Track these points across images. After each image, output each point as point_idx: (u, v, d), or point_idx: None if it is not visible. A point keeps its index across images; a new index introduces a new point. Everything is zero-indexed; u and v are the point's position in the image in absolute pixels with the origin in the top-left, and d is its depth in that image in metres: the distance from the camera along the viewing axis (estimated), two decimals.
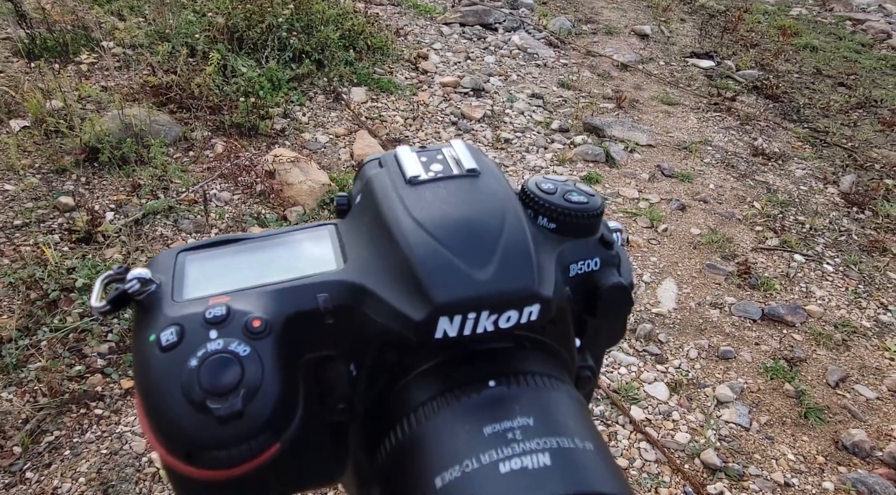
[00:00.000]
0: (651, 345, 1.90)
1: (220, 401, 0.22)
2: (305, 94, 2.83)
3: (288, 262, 0.27)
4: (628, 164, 2.80)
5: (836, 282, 2.20)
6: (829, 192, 2.73)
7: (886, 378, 1.82)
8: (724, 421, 1.68)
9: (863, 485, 1.49)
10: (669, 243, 2.33)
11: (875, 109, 3.45)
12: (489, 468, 0.21)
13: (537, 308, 0.24)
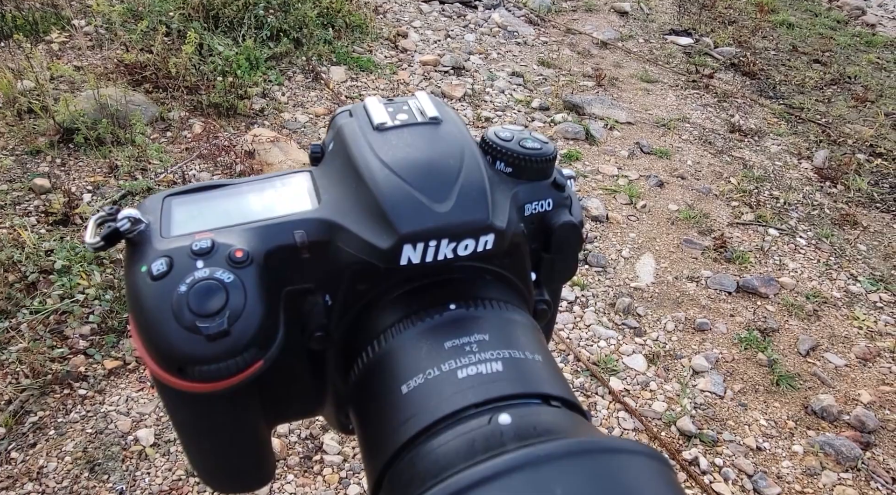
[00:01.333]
0: (630, 318, 1.94)
1: (208, 321, 0.25)
2: (284, 74, 2.80)
3: (267, 204, 0.29)
4: (608, 142, 2.82)
5: (808, 255, 2.26)
6: (803, 168, 2.78)
7: (854, 346, 1.89)
8: (700, 390, 1.73)
9: (829, 447, 1.55)
10: (648, 219, 2.37)
11: (849, 86, 3.51)
12: (448, 374, 0.24)
13: (492, 237, 0.27)
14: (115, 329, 1.53)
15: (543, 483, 0.18)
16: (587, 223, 2.30)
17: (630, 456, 0.20)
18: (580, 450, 0.20)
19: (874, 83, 3.56)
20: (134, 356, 1.50)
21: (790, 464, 1.53)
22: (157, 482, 1.27)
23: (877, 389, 1.75)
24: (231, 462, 0.32)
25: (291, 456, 1.38)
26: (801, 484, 1.49)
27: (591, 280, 2.06)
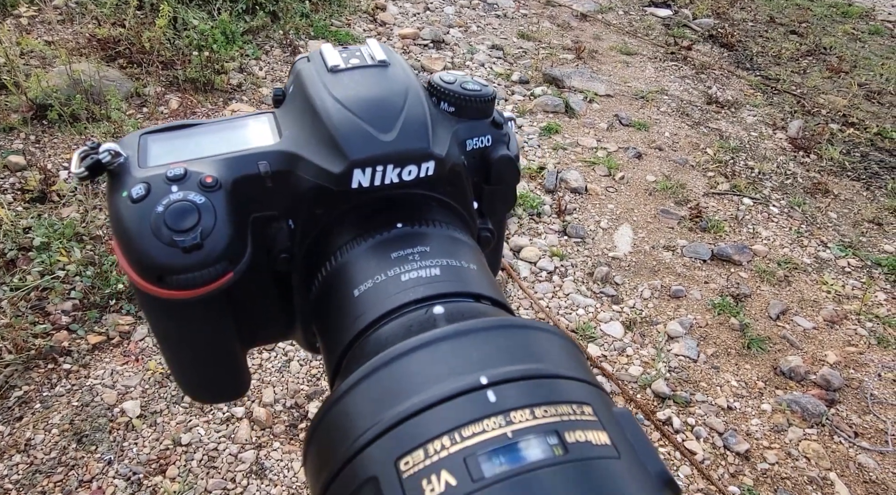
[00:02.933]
0: (608, 286, 1.98)
1: (183, 236, 0.28)
2: (261, 48, 2.77)
3: (234, 140, 0.32)
4: (587, 114, 2.84)
5: (780, 223, 2.32)
6: (778, 138, 2.83)
7: (823, 309, 1.96)
8: (674, 355, 1.78)
9: (796, 405, 1.62)
10: (626, 190, 2.41)
11: (824, 56, 3.55)
12: (393, 278, 0.28)
13: (432, 164, 0.31)
14: (98, 304, 1.54)
15: (463, 349, 0.22)
16: (567, 195, 2.33)
17: (539, 331, 0.23)
18: (497, 325, 0.23)
19: (849, 54, 3.61)
20: (118, 329, 1.51)
21: (759, 422, 1.60)
22: (144, 451, 1.30)
23: (842, 350, 1.82)
24: (208, 373, 0.35)
25: (277, 425, 1.41)
26: (769, 440, 1.56)
27: (570, 250, 2.10)
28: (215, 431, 1.36)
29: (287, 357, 1.57)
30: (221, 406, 1.42)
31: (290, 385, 1.50)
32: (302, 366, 1.55)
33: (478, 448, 0.18)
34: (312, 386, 1.51)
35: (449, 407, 0.20)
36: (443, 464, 0.18)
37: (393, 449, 0.19)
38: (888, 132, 2.91)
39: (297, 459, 1.35)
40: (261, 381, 1.49)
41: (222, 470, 1.29)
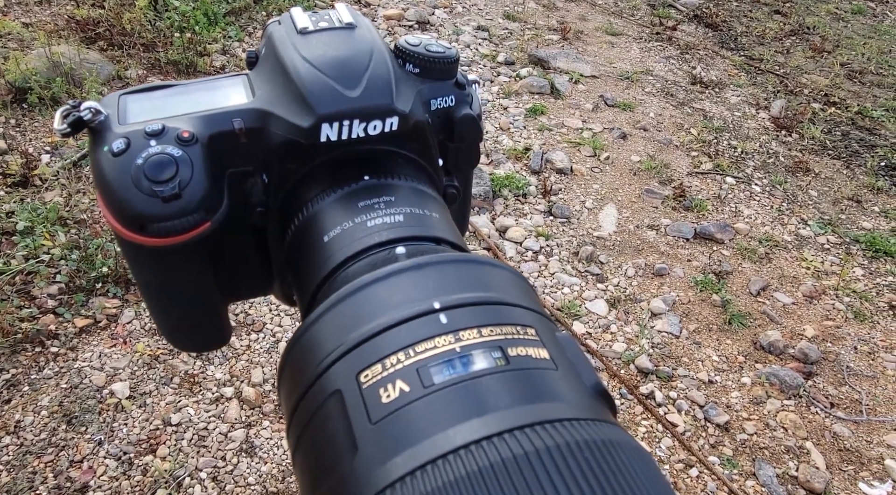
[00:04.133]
0: (592, 265, 2.01)
1: (162, 186, 0.30)
2: (244, 30, 2.74)
3: (209, 99, 0.34)
4: (573, 95, 2.85)
5: (762, 202, 2.35)
6: (761, 117, 2.86)
7: (802, 285, 2.00)
8: (657, 331, 1.82)
9: (775, 378, 1.66)
10: (611, 170, 2.43)
11: (807, 36, 3.57)
12: (360, 224, 0.30)
13: (396, 120, 0.32)
14: (84, 288, 1.54)
15: (420, 280, 0.24)
16: (553, 175, 2.34)
17: (490, 266, 0.25)
18: (452, 260, 0.25)
19: (832, 33, 3.63)
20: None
21: (739, 395, 1.64)
22: (134, 432, 1.31)
23: (820, 324, 1.86)
24: (189, 322, 0.37)
25: (266, 404, 1.42)
26: (748, 411, 1.60)
27: (556, 230, 2.12)
28: (205, 411, 1.38)
29: (275, 338, 1.58)
30: (212, 383, 1.43)
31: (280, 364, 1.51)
32: None
33: (429, 360, 0.21)
34: None
35: (405, 328, 0.22)
36: (398, 375, 0.21)
37: (354, 365, 0.22)
38: (868, 111, 2.95)
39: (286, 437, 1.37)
40: (249, 362, 1.51)
41: (212, 448, 1.31)
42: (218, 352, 1.51)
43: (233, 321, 1.60)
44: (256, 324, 1.60)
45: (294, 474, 0.24)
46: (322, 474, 0.21)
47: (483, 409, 0.19)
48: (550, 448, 0.18)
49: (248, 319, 1.61)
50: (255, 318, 1.62)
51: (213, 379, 1.45)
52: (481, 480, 0.17)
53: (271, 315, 1.64)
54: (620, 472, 0.18)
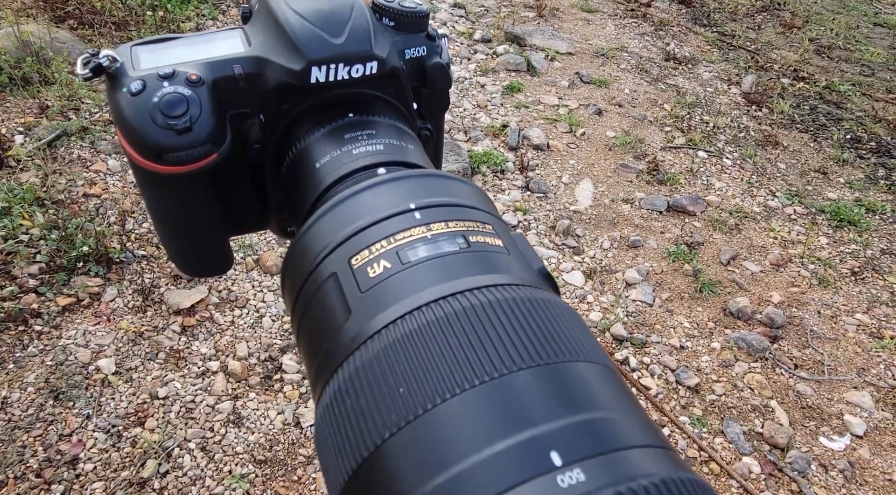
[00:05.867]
0: (569, 238, 2.06)
1: (176, 120, 0.34)
2: (217, 7, 2.71)
3: (211, 49, 0.38)
4: (549, 73, 2.87)
5: (732, 175, 2.42)
6: (732, 93, 2.92)
7: (769, 254, 2.07)
8: (632, 300, 1.88)
9: (742, 342, 1.74)
10: (587, 146, 2.47)
11: (778, 12, 3.63)
12: (346, 152, 0.35)
13: (375, 64, 0.37)
14: (65, 267, 1.55)
15: (398, 189, 0.29)
16: (530, 151, 2.38)
17: (456, 181, 0.30)
18: (424, 174, 0.30)
19: (801, 9, 3.69)
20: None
21: (708, 359, 1.71)
22: (122, 406, 1.33)
23: (786, 291, 1.94)
24: (196, 247, 0.42)
25: (252, 377, 1.46)
26: (717, 374, 1.67)
27: (534, 205, 2.16)
28: (191, 384, 1.40)
29: (259, 313, 1.61)
30: (198, 357, 1.45)
31: (264, 339, 1.54)
32: (274, 321, 1.60)
33: (406, 245, 0.26)
34: (285, 340, 1.56)
35: (386, 223, 0.27)
36: (382, 257, 0.26)
37: (346, 253, 0.27)
38: (836, 85, 3.02)
39: (272, 408, 1.40)
40: (234, 337, 1.53)
41: (200, 420, 1.34)
42: (202, 328, 1.54)
43: (216, 298, 1.62)
44: (240, 301, 1.62)
45: (298, 351, 0.29)
46: (323, 336, 0.26)
47: (448, 277, 0.24)
48: (499, 300, 0.23)
49: (231, 295, 1.63)
50: (238, 295, 1.64)
51: (198, 354, 1.47)
52: (447, 322, 0.22)
53: (254, 291, 1.66)
54: (551, 319, 0.23)
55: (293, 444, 1.34)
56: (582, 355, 0.22)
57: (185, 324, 1.53)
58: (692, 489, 0.17)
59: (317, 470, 1.31)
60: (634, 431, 0.20)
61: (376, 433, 0.21)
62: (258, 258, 1.75)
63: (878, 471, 1.47)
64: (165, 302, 1.56)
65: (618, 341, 1.74)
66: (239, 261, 1.73)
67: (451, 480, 0.18)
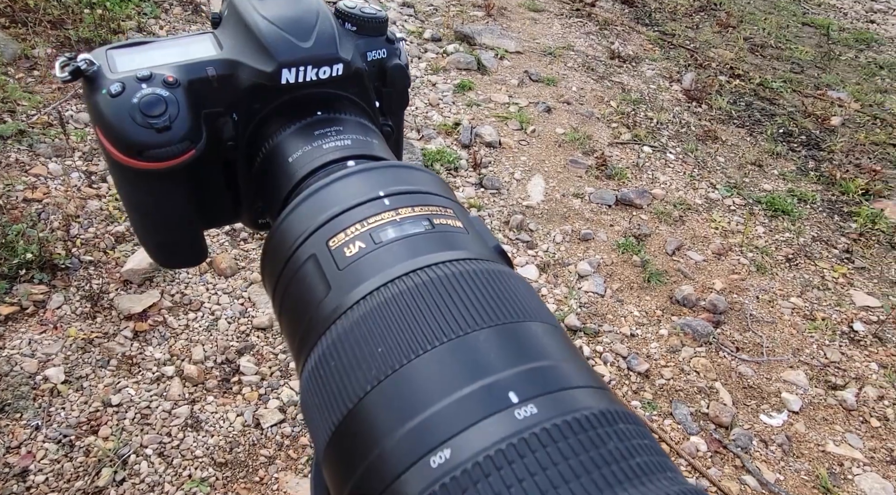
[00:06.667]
0: (523, 233, 2.11)
1: (155, 120, 0.36)
2: (159, 6, 2.64)
3: (185, 52, 0.40)
4: (498, 71, 2.92)
5: (676, 168, 2.52)
6: (674, 90, 3.04)
7: (711, 243, 2.17)
8: (584, 292, 1.94)
9: (688, 328, 1.82)
10: (537, 143, 2.53)
11: (714, 12, 3.79)
12: (317, 147, 0.37)
13: (341, 66, 0.40)
14: (6, 275, 1.49)
15: (367, 179, 0.32)
16: (482, 149, 2.42)
17: (419, 171, 0.33)
18: (389, 166, 0.33)
19: (736, 9, 3.87)
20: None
21: (657, 345, 1.79)
22: (73, 415, 1.30)
23: (728, 278, 2.04)
24: (171, 240, 0.43)
25: (209, 380, 1.44)
26: (666, 359, 1.75)
27: (487, 201, 2.20)
28: (146, 390, 1.38)
29: (214, 316, 1.59)
30: (152, 363, 1.43)
31: (220, 342, 1.52)
32: (230, 323, 1.58)
33: (378, 228, 0.29)
34: (242, 342, 1.54)
35: (359, 209, 0.30)
36: (356, 238, 0.29)
37: (324, 236, 0.29)
38: (769, 82, 3.19)
39: (231, 410, 1.39)
40: (189, 341, 1.51)
41: (157, 425, 1.32)
42: (155, 332, 1.51)
43: (169, 302, 1.59)
44: (194, 304, 1.60)
45: (280, 328, 0.31)
46: (305, 311, 0.28)
47: (416, 254, 0.28)
48: (460, 272, 0.27)
49: (184, 299, 1.61)
50: (192, 298, 1.61)
51: (152, 360, 1.44)
52: (416, 292, 0.26)
53: (208, 294, 1.64)
54: (506, 287, 0.26)
55: (254, 446, 1.33)
56: (532, 316, 0.26)
57: (137, 330, 1.50)
58: (623, 418, 0.21)
59: (279, 470, 1.31)
60: (577, 375, 0.23)
61: (359, 387, 0.24)
62: (212, 261, 1.73)
63: (812, 444, 1.58)
64: (116, 307, 1.52)
65: (572, 331, 1.80)
66: None
67: (425, 421, 0.21)
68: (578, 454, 0.19)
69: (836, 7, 4.64)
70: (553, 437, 0.19)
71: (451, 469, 0.19)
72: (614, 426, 0.20)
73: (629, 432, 0.21)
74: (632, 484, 0.19)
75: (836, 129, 2.93)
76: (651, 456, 0.20)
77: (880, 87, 3.46)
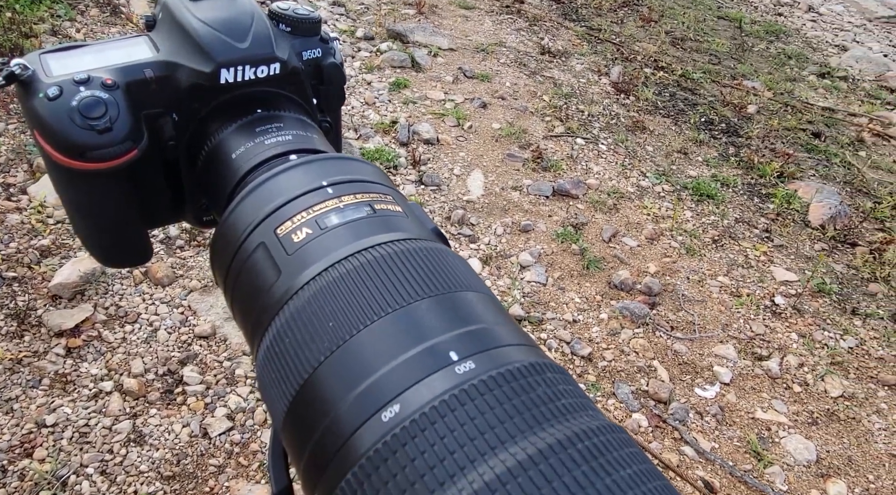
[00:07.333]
0: (464, 227, 2.14)
1: (96, 121, 0.36)
2: (74, 8, 2.52)
3: (120, 55, 0.40)
4: (433, 69, 2.95)
5: (608, 158, 2.62)
6: (603, 83, 3.15)
7: (644, 229, 2.27)
8: (527, 282, 1.99)
9: (626, 311, 1.90)
10: (475, 138, 2.57)
11: (637, 7, 3.94)
12: (259, 143, 0.38)
13: (278, 65, 0.41)
14: None
15: (309, 170, 0.33)
16: (420, 146, 2.43)
17: (359, 162, 0.35)
18: (330, 158, 0.35)
19: (657, 4, 4.04)
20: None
21: (598, 329, 1.86)
22: (4, 439, 1.23)
23: (660, 261, 2.14)
24: (115, 239, 0.43)
25: (151, 393, 1.40)
26: (607, 342, 1.82)
27: (428, 198, 2.22)
28: (83, 408, 1.32)
29: (153, 327, 1.54)
30: (88, 379, 1.37)
31: (160, 353, 1.48)
32: (170, 334, 1.54)
33: (323, 214, 0.31)
34: (184, 351, 1.50)
35: (304, 198, 0.32)
36: (303, 225, 0.30)
37: (271, 225, 0.31)
38: (690, 73, 3.35)
39: (177, 422, 1.36)
40: (127, 354, 1.46)
41: (97, 443, 1.27)
42: (90, 348, 1.45)
43: (103, 315, 1.53)
44: (130, 316, 1.55)
45: (233, 316, 0.33)
46: (257, 295, 0.30)
47: (359, 237, 0.30)
48: (401, 250, 0.29)
49: (119, 311, 1.55)
50: (128, 310, 1.56)
51: (88, 376, 1.39)
52: (362, 270, 0.28)
53: (145, 305, 1.59)
54: (443, 263, 0.29)
55: (202, 456, 1.31)
56: (467, 287, 0.28)
57: (69, 346, 1.43)
58: (550, 368, 0.24)
59: (229, 478, 1.29)
60: (508, 335, 0.26)
61: (313, 358, 0.25)
62: (146, 270, 1.67)
63: (742, 412, 1.68)
64: (45, 324, 1.45)
65: (517, 321, 1.84)
66: (125, 275, 1.65)
67: (375, 382, 0.23)
68: (511, 398, 0.22)
69: (747, 1, 4.92)
70: (489, 386, 0.22)
71: (402, 420, 0.22)
72: (542, 375, 0.23)
73: (555, 380, 0.24)
74: (557, 422, 0.21)
75: (752, 117, 3.11)
76: (574, 399, 0.23)
77: (789, 75, 3.69)
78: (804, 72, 3.80)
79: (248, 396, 1.44)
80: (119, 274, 1.64)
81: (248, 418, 1.40)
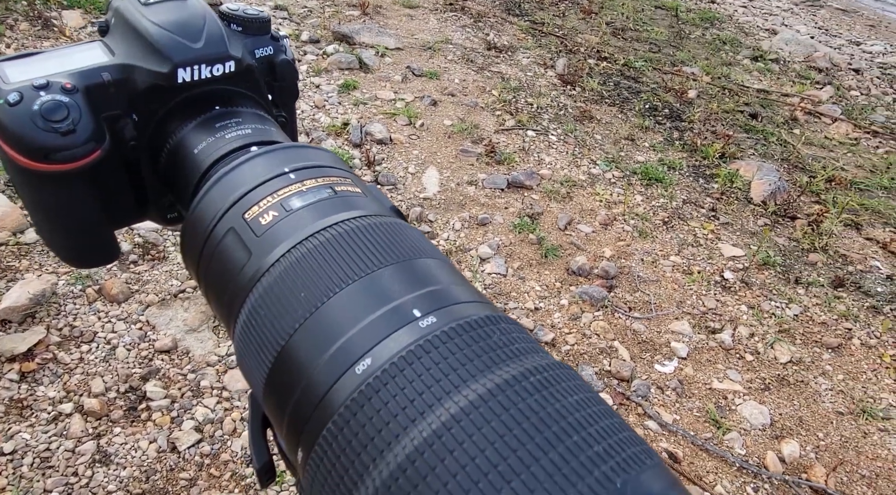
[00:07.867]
0: (423, 224, 2.15)
1: (59, 124, 0.37)
2: (3, 22, 2.42)
3: (76, 60, 0.41)
4: (381, 69, 2.95)
5: (559, 149, 2.68)
6: (549, 75, 3.21)
7: (598, 215, 2.34)
8: (487, 274, 2.02)
9: (586, 295, 1.96)
10: (427, 136, 2.58)
11: (577, 1, 4.03)
12: (220, 137, 0.40)
13: (232, 63, 0.43)
14: None
15: (271, 159, 0.35)
16: (374, 147, 2.44)
17: (318, 150, 0.37)
18: (291, 147, 0.37)
19: None
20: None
21: (560, 315, 1.91)
22: None
23: (615, 245, 2.21)
24: (80, 241, 0.44)
25: (114, 411, 1.37)
26: (568, 327, 1.87)
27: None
28: (42, 432, 1.29)
29: (110, 345, 1.50)
30: (46, 403, 1.33)
31: (121, 371, 1.45)
32: (129, 350, 1.50)
33: (287, 198, 0.33)
34: (146, 367, 1.47)
35: (268, 184, 0.34)
36: (269, 208, 0.32)
37: (239, 211, 0.33)
38: (632, 62, 3.45)
39: (143, 438, 1.33)
40: (86, 374, 1.42)
41: (60, 467, 1.24)
42: (45, 370, 1.41)
43: (57, 337, 1.49)
44: (86, 335, 1.51)
45: (207, 300, 0.35)
46: (230, 278, 0.32)
47: (323, 216, 0.32)
48: (363, 226, 0.31)
49: (74, 332, 1.51)
50: (83, 329, 1.52)
51: (45, 399, 1.35)
52: (328, 244, 0.30)
53: (101, 323, 1.55)
54: (401, 234, 0.31)
55: (172, 470, 1.29)
56: (425, 254, 0.31)
57: (23, 370, 1.39)
58: (503, 320, 0.27)
59: (201, 491, 1.27)
60: (465, 294, 0.29)
61: (289, 326, 0.27)
62: (100, 288, 1.63)
63: (700, 384, 1.76)
64: None
65: None
66: (78, 295, 1.60)
67: (347, 341, 0.26)
68: (470, 345, 0.25)
69: None
70: (450, 336, 0.25)
71: (374, 371, 0.24)
72: (497, 325, 0.26)
73: (508, 329, 0.27)
74: (512, 362, 0.24)
75: (693, 101, 3.23)
76: (525, 343, 0.26)
77: (725, 60, 3.84)
78: (739, 56, 3.96)
79: (215, 407, 1.43)
80: (71, 293, 1.59)
81: (216, 429, 1.39)
